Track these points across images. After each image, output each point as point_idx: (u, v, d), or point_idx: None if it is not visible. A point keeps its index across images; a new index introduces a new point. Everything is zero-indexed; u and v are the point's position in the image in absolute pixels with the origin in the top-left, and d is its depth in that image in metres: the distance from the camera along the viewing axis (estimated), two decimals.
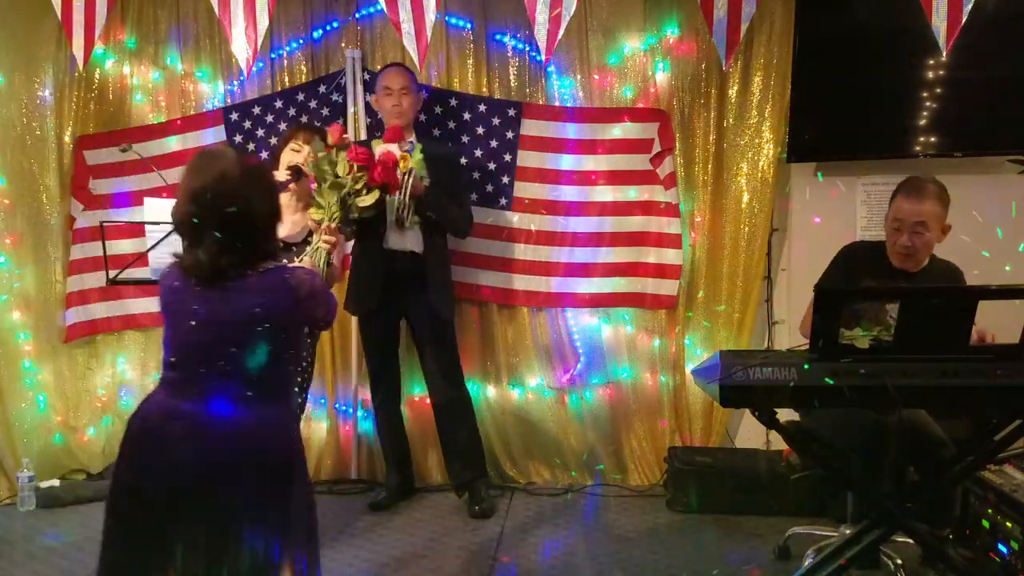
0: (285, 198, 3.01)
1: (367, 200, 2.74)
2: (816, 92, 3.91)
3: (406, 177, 3.48)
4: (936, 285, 2.99)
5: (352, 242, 3.74)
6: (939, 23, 3.23)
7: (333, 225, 2.62)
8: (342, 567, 3.18)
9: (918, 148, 3.88)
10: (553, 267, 4.13)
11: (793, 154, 3.96)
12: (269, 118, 4.07)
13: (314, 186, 2.72)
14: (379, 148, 3.54)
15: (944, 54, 3.23)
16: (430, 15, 3.38)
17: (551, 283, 4.14)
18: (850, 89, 3.89)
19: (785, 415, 2.61)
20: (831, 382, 2.25)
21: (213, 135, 4.12)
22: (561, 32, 3.38)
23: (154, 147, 4.00)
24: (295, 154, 3.08)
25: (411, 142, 3.67)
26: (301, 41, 4.13)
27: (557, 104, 4.09)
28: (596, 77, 4.09)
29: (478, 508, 3.69)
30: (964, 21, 3.16)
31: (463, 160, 4.01)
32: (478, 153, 4.06)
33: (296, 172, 3.01)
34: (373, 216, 3.18)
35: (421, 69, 3.70)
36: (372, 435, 4.22)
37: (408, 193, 3.49)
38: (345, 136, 2.79)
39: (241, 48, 3.48)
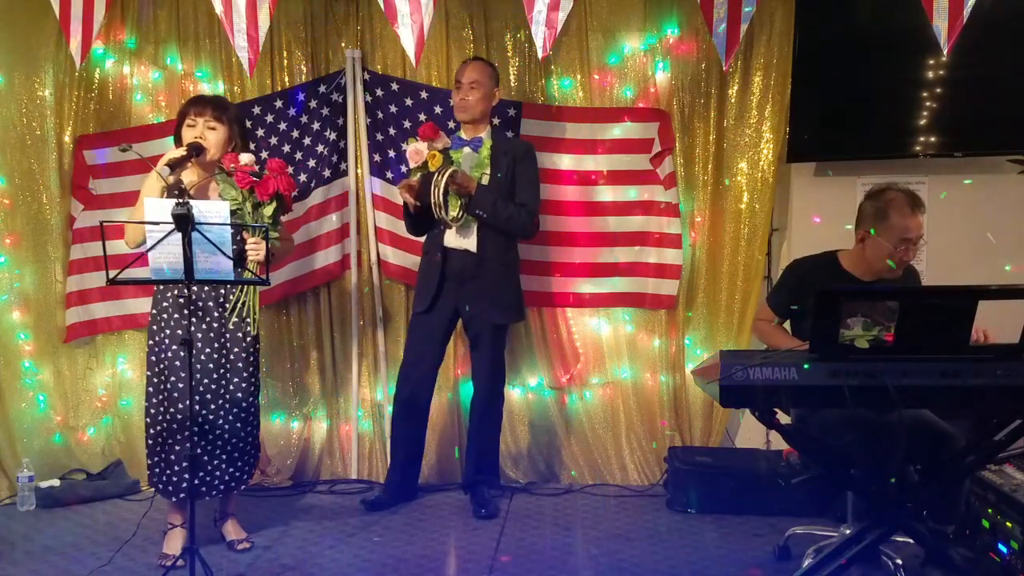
0: (193, 174, 3.16)
1: (268, 210, 3.13)
2: (816, 92, 3.91)
3: (437, 176, 3.47)
4: (936, 286, 3.00)
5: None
6: (939, 23, 3.23)
7: (256, 239, 3.08)
8: (342, 567, 3.18)
9: (918, 148, 3.88)
10: (553, 267, 4.13)
11: (793, 154, 3.96)
12: (269, 118, 4.06)
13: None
14: (411, 145, 3.54)
15: (945, 54, 3.23)
16: (427, 14, 3.38)
17: (551, 283, 4.14)
18: (850, 89, 3.90)
19: (784, 416, 2.62)
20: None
21: None
22: (559, 29, 3.38)
23: (154, 147, 3.99)
24: (191, 130, 3.16)
25: (479, 138, 3.66)
26: (301, 41, 4.12)
27: (557, 104, 4.09)
28: (596, 77, 4.09)
29: (484, 511, 3.68)
30: (966, 22, 3.16)
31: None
32: None
33: (196, 149, 3.09)
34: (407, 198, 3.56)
35: (417, 67, 3.70)
36: (372, 435, 4.23)
37: (440, 191, 3.47)
38: (233, 164, 3.10)
39: (243, 48, 3.48)
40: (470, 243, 3.63)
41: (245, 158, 3.14)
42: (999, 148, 3.86)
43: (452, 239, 3.64)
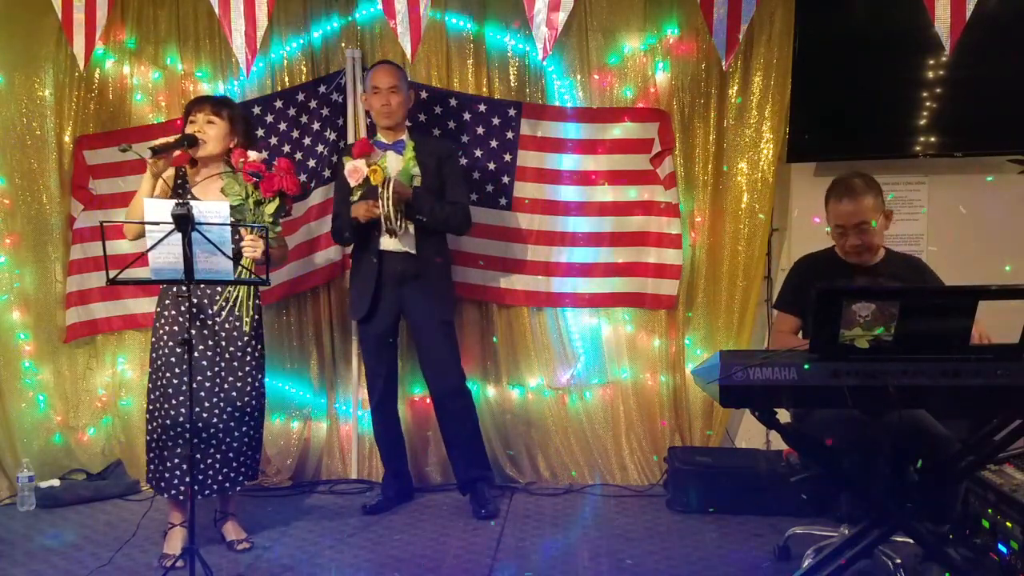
0: (196, 173, 3.21)
1: (270, 208, 3.15)
2: (816, 92, 3.91)
3: (381, 189, 3.45)
4: (936, 286, 2.99)
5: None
6: (942, 22, 3.23)
7: (253, 237, 3.08)
8: (342, 567, 3.18)
9: (918, 148, 3.88)
10: (553, 267, 4.13)
11: (793, 154, 3.96)
12: (269, 118, 4.06)
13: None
14: (349, 164, 3.53)
15: (947, 53, 3.23)
16: (424, 7, 3.40)
17: (551, 283, 4.14)
18: (850, 89, 3.90)
19: (784, 415, 2.61)
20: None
21: None
22: (559, 29, 3.38)
23: None
24: (192, 126, 3.21)
25: (401, 141, 3.66)
26: (301, 41, 4.13)
27: (557, 104, 4.09)
28: (596, 77, 4.09)
29: (484, 511, 3.68)
30: (967, 21, 3.16)
31: (460, 154, 3.98)
32: (478, 153, 4.06)
33: (188, 139, 3.14)
34: (367, 219, 3.53)
35: (412, 62, 3.71)
36: (372, 435, 4.22)
37: (389, 204, 3.45)
38: (242, 159, 3.11)
39: (241, 48, 3.48)
40: (408, 245, 3.62)
41: (253, 155, 3.18)
42: (999, 148, 3.86)
43: (388, 242, 3.61)
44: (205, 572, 2.85)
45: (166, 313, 3.19)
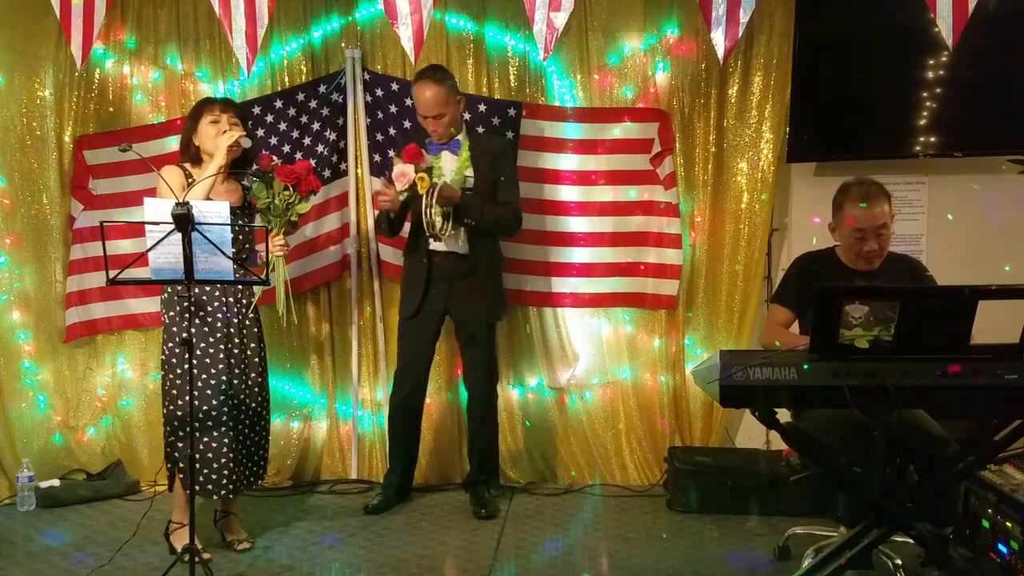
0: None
1: (304, 208, 3.27)
2: (816, 92, 3.91)
3: (426, 196, 3.46)
4: (936, 286, 3.00)
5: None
6: (944, 21, 3.23)
7: (280, 237, 3.23)
8: (342, 567, 3.18)
9: (918, 148, 3.88)
10: (553, 267, 4.13)
11: (793, 154, 3.96)
12: (269, 118, 4.06)
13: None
14: (397, 167, 3.52)
15: (950, 51, 3.24)
16: (427, 12, 3.40)
17: (551, 283, 4.14)
18: (850, 89, 3.90)
19: (784, 415, 2.61)
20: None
21: None
22: (559, 29, 3.38)
23: (154, 147, 3.99)
24: (214, 125, 3.21)
25: (456, 140, 3.66)
26: (301, 41, 4.13)
27: (557, 104, 4.09)
28: (596, 77, 4.09)
29: (484, 512, 3.68)
30: (969, 19, 3.17)
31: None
32: None
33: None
34: (419, 219, 3.59)
35: (416, 63, 3.71)
36: (373, 435, 4.22)
37: (432, 211, 3.47)
38: (272, 161, 3.18)
39: (241, 48, 3.49)
40: (460, 246, 3.63)
41: (275, 158, 3.28)
42: (999, 148, 3.86)
43: (438, 243, 3.62)
44: (205, 572, 2.85)
45: (186, 315, 3.18)
